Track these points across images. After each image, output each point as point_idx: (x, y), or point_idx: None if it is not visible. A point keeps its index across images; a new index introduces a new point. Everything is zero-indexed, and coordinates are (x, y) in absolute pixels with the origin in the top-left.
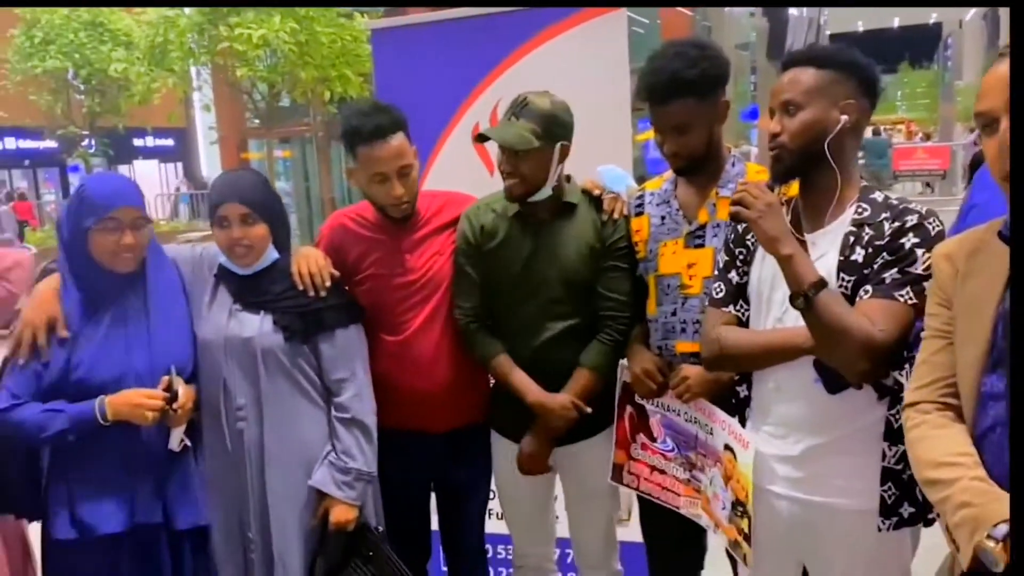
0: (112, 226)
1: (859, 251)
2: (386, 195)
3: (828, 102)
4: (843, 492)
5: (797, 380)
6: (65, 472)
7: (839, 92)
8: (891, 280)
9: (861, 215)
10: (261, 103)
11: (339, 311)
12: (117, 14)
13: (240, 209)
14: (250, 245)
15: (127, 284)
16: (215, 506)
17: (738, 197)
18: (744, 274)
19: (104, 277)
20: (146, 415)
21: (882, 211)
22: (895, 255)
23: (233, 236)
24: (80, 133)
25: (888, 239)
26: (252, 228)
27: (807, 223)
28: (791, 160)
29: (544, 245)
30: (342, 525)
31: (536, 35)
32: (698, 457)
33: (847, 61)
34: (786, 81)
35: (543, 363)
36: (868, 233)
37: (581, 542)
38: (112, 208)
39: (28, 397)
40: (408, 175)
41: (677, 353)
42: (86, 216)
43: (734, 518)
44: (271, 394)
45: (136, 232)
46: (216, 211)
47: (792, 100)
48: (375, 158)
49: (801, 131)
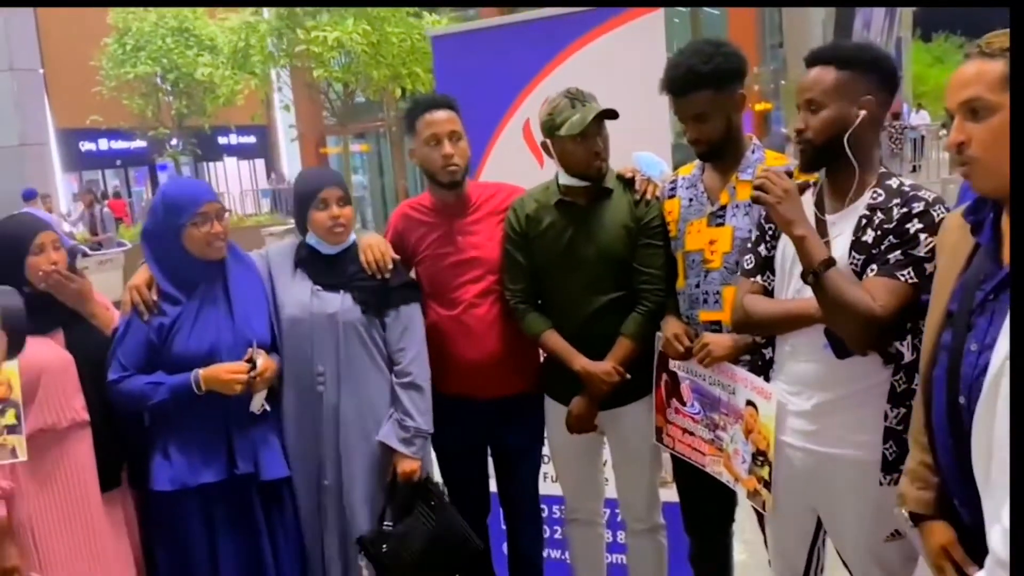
0: (202, 220)
1: (870, 233)
2: (438, 156)
3: (848, 100)
4: (850, 444)
5: (809, 344)
6: (165, 432)
7: (858, 90)
8: (895, 261)
9: (876, 200)
10: (337, 101)
11: (403, 290)
12: (202, 19)
13: (338, 192)
14: (345, 224)
15: (211, 272)
16: (295, 459)
17: (759, 183)
18: (772, 248)
19: (193, 266)
20: (234, 387)
21: (894, 197)
22: (900, 238)
23: (333, 214)
24: (168, 133)
25: (896, 223)
26: (345, 209)
27: (830, 205)
28: (815, 153)
29: (584, 228)
30: (408, 475)
31: (581, 37)
32: (721, 417)
33: (867, 60)
34: (809, 80)
35: (588, 334)
36: (879, 217)
37: (627, 499)
38: (200, 204)
39: (134, 369)
40: (458, 142)
41: (701, 321)
42: (178, 215)
43: (754, 468)
44: (348, 362)
45: (221, 222)
46: (316, 195)
47: (814, 99)
48: (428, 121)
49: (823, 128)
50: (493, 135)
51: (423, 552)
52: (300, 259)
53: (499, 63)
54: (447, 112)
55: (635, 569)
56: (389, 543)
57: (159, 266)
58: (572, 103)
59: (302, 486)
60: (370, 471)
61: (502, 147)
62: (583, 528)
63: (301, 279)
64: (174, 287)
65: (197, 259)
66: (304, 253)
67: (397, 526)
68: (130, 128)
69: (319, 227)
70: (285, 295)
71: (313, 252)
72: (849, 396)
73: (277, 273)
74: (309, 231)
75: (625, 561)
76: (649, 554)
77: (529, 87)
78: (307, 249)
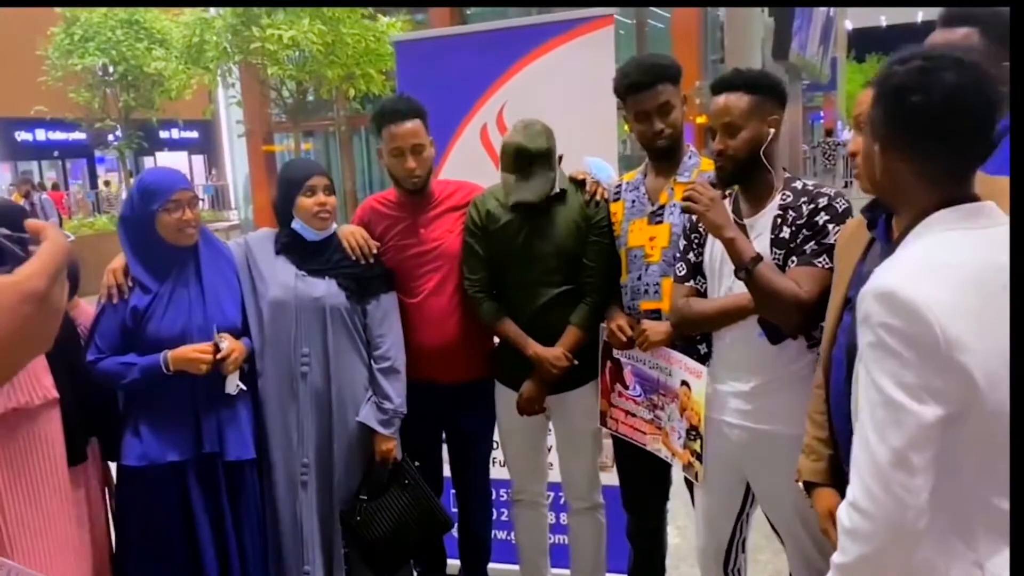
0: (174, 207)
1: (786, 230)
2: (401, 167)
3: (759, 120)
4: (781, 420)
5: (745, 335)
6: (136, 411)
7: (766, 110)
8: (811, 251)
9: (786, 200)
10: (289, 99)
11: (382, 279)
12: (153, 13)
13: (324, 180)
14: (330, 211)
15: (183, 257)
16: (275, 438)
17: (687, 194)
18: (699, 255)
19: (166, 251)
20: (200, 367)
21: (801, 196)
22: (812, 230)
23: (320, 200)
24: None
25: (807, 218)
26: (330, 197)
27: (746, 209)
28: (735, 169)
29: (540, 225)
30: (384, 455)
31: (537, 47)
32: (659, 398)
33: (769, 84)
34: (724, 106)
35: (541, 322)
36: (792, 215)
37: (569, 479)
38: (173, 191)
39: (110, 351)
40: (421, 153)
41: (642, 310)
42: (152, 201)
43: (688, 443)
44: (333, 343)
45: (192, 209)
46: (304, 182)
47: (733, 122)
48: (393, 134)
49: (743, 147)
50: (452, 137)
51: (396, 524)
52: (283, 245)
53: (459, 69)
54: (412, 123)
55: (576, 545)
56: (363, 514)
57: (133, 251)
58: (516, 177)
59: (281, 465)
60: (349, 450)
61: (461, 148)
62: (528, 509)
63: (284, 264)
64: (148, 272)
65: (170, 245)
66: (287, 239)
67: (372, 501)
68: (75, 119)
69: (306, 212)
70: (269, 278)
71: (297, 239)
72: (781, 378)
73: (259, 258)
74: (295, 217)
75: (567, 541)
76: (590, 530)
77: (488, 93)
78: (290, 235)
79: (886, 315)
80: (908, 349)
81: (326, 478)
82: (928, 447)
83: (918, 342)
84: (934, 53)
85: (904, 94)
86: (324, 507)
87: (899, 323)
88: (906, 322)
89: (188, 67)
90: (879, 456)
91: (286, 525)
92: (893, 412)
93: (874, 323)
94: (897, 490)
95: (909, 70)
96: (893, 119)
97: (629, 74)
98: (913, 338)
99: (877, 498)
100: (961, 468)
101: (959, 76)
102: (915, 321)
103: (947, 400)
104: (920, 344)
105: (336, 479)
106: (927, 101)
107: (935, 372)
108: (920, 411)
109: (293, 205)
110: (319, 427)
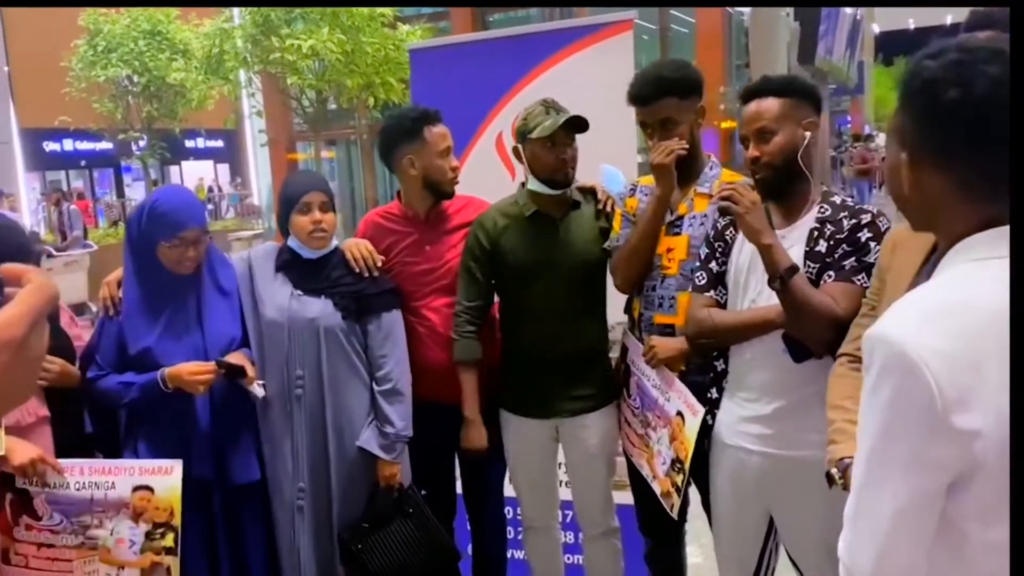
0: (179, 244)
1: (823, 243)
2: (448, 167)
3: (794, 124)
4: (806, 445)
5: (768, 351)
6: (137, 430)
7: (800, 114)
8: (850, 267)
9: (823, 213)
10: (309, 108)
11: (384, 297)
12: (175, 24)
13: (321, 197)
14: (327, 229)
15: (185, 280)
16: (271, 461)
17: (727, 194)
18: (723, 264)
19: (166, 276)
20: (198, 388)
21: (841, 211)
22: (853, 246)
23: (315, 218)
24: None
25: (847, 233)
26: (328, 215)
27: (779, 221)
28: (774, 177)
29: (560, 236)
30: (388, 480)
31: (554, 54)
32: (653, 418)
33: (802, 87)
34: (756, 112)
35: (567, 331)
36: (830, 228)
37: (582, 504)
38: (181, 230)
39: (110, 368)
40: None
41: (655, 324)
42: (158, 233)
43: (671, 473)
44: (329, 365)
45: (198, 246)
46: (299, 199)
47: (766, 128)
48: (440, 134)
49: (778, 152)
50: (467, 147)
51: (399, 556)
52: (282, 263)
53: (474, 77)
54: (445, 127)
55: (592, 573)
56: (365, 544)
57: (136, 265)
58: (547, 110)
59: (277, 489)
60: (349, 476)
61: (475, 159)
62: (540, 536)
63: (282, 283)
64: (145, 293)
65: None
66: (286, 257)
67: (376, 530)
68: (99, 130)
69: (300, 231)
70: (267, 298)
71: (295, 256)
72: (805, 399)
73: (258, 276)
74: (291, 234)
75: (582, 562)
76: (605, 557)
77: (503, 101)
78: (289, 253)
79: (880, 363)
80: (901, 412)
81: (323, 503)
82: (915, 517)
83: (911, 402)
84: (971, 44)
85: (938, 90)
86: (322, 533)
87: (894, 379)
88: (900, 378)
89: (208, 77)
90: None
91: (284, 550)
92: (879, 471)
93: (871, 369)
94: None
95: (944, 63)
96: (924, 121)
97: (634, 85)
98: (906, 395)
99: (858, 561)
100: (968, 536)
101: (1004, 69)
102: (910, 378)
103: (941, 468)
104: (913, 406)
105: (335, 505)
106: (966, 97)
107: (928, 439)
108: (903, 482)
109: (289, 222)
110: (315, 451)
